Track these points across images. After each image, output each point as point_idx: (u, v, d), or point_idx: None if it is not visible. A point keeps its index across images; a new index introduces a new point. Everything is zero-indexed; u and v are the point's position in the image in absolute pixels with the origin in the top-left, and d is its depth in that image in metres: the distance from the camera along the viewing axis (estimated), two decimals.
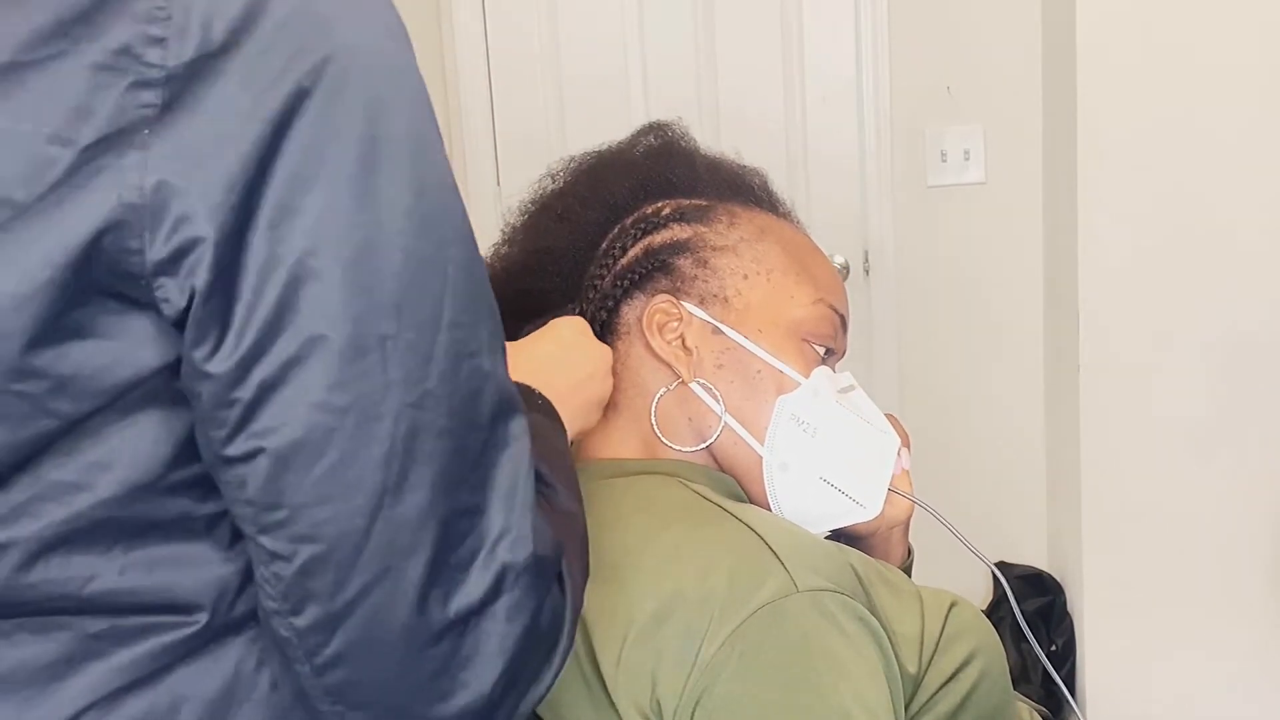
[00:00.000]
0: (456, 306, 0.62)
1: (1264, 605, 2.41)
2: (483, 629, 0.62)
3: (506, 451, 0.64)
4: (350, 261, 0.58)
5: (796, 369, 0.96)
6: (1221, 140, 2.25)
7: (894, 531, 1.00)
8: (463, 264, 0.64)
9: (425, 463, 0.60)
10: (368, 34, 0.62)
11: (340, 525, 0.59)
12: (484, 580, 0.61)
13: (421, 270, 0.61)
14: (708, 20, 2.63)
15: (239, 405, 0.58)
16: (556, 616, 0.66)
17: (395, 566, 0.60)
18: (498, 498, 0.62)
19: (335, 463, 0.58)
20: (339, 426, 0.58)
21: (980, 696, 0.89)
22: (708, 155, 1.08)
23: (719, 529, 0.86)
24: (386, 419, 0.59)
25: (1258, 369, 2.32)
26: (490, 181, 2.69)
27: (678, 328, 0.97)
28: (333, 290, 0.58)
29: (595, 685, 0.85)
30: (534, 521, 0.64)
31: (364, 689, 0.62)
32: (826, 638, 0.78)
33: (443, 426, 0.61)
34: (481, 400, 0.63)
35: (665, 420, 0.97)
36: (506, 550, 0.62)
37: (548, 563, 0.64)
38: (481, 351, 0.63)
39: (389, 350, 0.59)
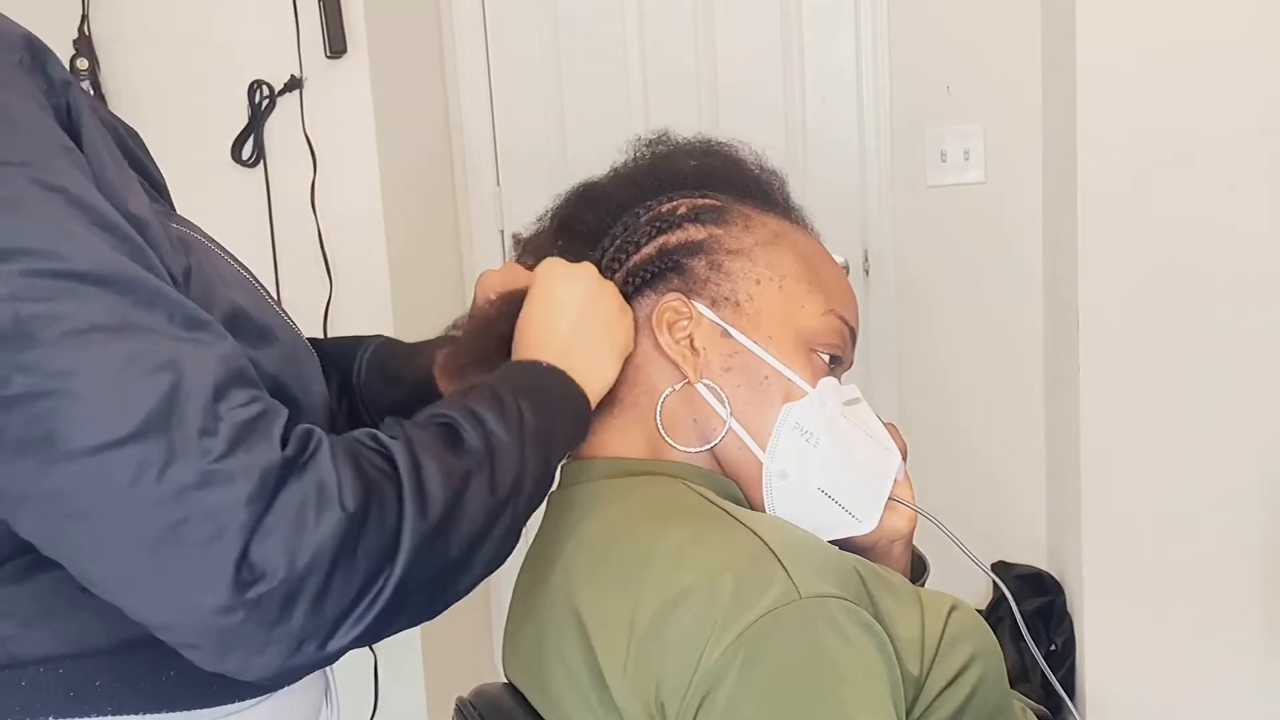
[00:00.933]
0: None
1: (1262, 605, 2.41)
2: (187, 544, 0.64)
3: (148, 394, 0.65)
4: None
5: (804, 377, 0.95)
6: (1221, 140, 2.25)
7: (895, 545, 1.00)
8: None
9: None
10: None
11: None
12: (163, 504, 0.64)
13: None
14: (708, 21, 2.64)
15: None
16: (339, 518, 0.66)
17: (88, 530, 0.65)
18: (149, 435, 0.64)
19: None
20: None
21: (980, 700, 0.89)
22: (728, 155, 1.08)
23: (724, 533, 0.85)
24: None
25: (1257, 369, 2.32)
26: (490, 181, 2.69)
27: (687, 327, 0.96)
28: None
29: (594, 685, 0.85)
30: (205, 441, 0.65)
31: (150, 617, 0.67)
32: (830, 644, 0.78)
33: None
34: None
35: (670, 420, 0.97)
36: (174, 473, 0.64)
37: (233, 472, 0.65)
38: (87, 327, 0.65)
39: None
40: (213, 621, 0.65)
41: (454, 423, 0.77)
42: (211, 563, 0.64)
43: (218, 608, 0.65)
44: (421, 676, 2.37)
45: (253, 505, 0.65)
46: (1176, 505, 2.38)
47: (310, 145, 2.23)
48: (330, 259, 2.26)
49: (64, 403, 0.63)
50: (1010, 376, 2.67)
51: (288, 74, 2.21)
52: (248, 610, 0.65)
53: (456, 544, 0.73)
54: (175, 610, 0.66)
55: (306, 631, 0.67)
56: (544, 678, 0.92)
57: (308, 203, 2.24)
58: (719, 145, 1.08)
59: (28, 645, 0.74)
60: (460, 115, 2.67)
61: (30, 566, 0.73)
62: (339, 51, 2.19)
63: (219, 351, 0.69)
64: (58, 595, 0.73)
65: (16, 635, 0.74)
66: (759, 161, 1.08)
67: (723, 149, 1.08)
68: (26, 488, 0.64)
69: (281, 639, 0.66)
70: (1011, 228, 2.62)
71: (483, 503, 0.75)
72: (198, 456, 0.64)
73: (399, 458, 0.71)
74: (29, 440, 0.63)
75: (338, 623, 0.68)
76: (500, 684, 1.03)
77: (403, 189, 2.37)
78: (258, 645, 0.66)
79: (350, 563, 0.67)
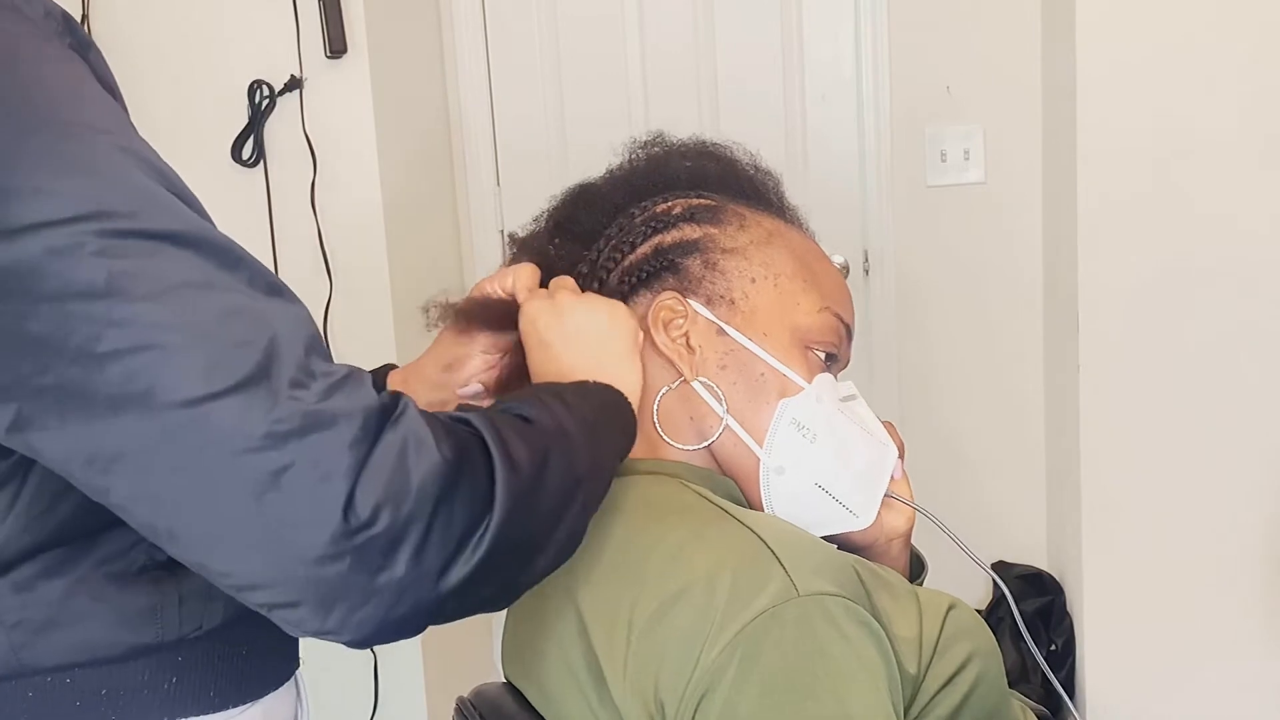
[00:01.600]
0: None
1: (1263, 604, 2.41)
2: (294, 488, 0.64)
3: (244, 347, 0.65)
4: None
5: (800, 374, 0.95)
6: (1222, 140, 2.25)
7: (893, 544, 1.00)
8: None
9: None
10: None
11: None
12: (267, 450, 0.63)
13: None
14: (708, 21, 2.64)
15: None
16: (437, 461, 0.67)
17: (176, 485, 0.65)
18: (248, 386, 0.64)
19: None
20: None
21: (978, 699, 0.89)
22: (722, 156, 1.08)
23: (722, 531, 0.86)
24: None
25: (1257, 368, 2.32)
26: (490, 181, 2.69)
27: (683, 325, 0.97)
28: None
29: (593, 683, 0.85)
30: (299, 391, 0.65)
31: (241, 574, 0.66)
32: (828, 643, 0.78)
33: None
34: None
35: (667, 418, 0.97)
36: (275, 421, 0.64)
37: (335, 415, 0.65)
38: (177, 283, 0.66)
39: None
40: (316, 572, 0.64)
41: (520, 409, 0.77)
42: (318, 507, 0.63)
43: (323, 555, 0.64)
44: (421, 676, 2.37)
45: (356, 449, 0.65)
46: (1176, 505, 2.38)
47: (310, 145, 2.23)
48: (330, 259, 2.26)
49: (162, 356, 0.63)
50: (1010, 376, 2.67)
51: (288, 74, 2.21)
52: (353, 557, 0.64)
53: (542, 510, 0.73)
54: (278, 562, 0.64)
55: (407, 582, 0.66)
56: (543, 676, 0.92)
57: (308, 203, 2.25)
58: (714, 146, 1.09)
59: (38, 653, 0.74)
60: (460, 115, 2.67)
61: (42, 573, 0.73)
62: (339, 51, 2.19)
63: (301, 314, 0.70)
64: (69, 603, 0.74)
65: (29, 643, 0.74)
66: (754, 161, 1.09)
67: (717, 150, 1.09)
68: (122, 445, 0.64)
69: (384, 588, 0.65)
70: (1011, 228, 2.62)
71: (561, 476, 0.75)
72: (299, 402, 0.64)
73: (480, 425, 0.72)
74: (126, 395, 0.63)
75: (438, 575, 0.67)
76: (500, 684, 1.03)
77: (403, 189, 2.37)
78: (361, 596, 0.65)
79: (449, 511, 0.67)
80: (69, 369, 0.63)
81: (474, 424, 0.72)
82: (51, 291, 0.62)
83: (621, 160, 1.09)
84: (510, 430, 0.73)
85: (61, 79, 0.68)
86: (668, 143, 1.09)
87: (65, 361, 0.63)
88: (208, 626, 0.79)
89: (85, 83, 0.70)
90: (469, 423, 0.72)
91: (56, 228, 0.62)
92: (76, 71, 0.70)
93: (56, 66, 0.69)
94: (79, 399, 0.63)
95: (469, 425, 0.71)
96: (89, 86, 0.70)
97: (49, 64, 0.68)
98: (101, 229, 0.63)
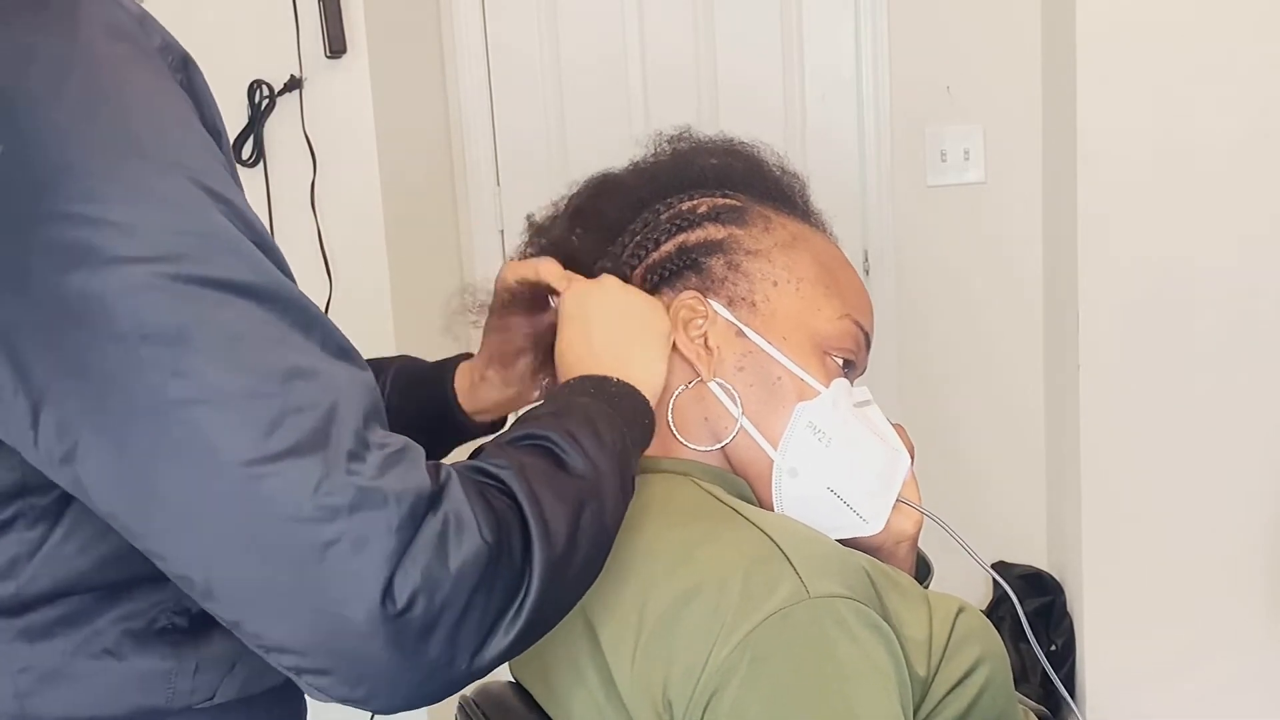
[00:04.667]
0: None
1: (1264, 604, 2.41)
2: (335, 565, 0.63)
3: (305, 412, 0.65)
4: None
5: (817, 379, 0.95)
6: (1222, 140, 2.25)
7: (900, 546, 0.99)
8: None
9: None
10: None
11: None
12: (314, 522, 0.63)
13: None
14: (708, 21, 2.63)
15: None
16: (479, 547, 0.66)
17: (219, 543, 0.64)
18: (304, 453, 0.64)
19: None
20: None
21: (986, 702, 0.88)
22: (749, 155, 1.08)
23: (733, 532, 0.85)
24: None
25: (1258, 368, 2.32)
26: (490, 181, 2.69)
27: (702, 325, 0.96)
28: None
29: (601, 681, 0.85)
30: (355, 464, 0.65)
31: (271, 636, 0.65)
32: (838, 645, 0.78)
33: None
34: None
35: (681, 417, 0.96)
36: (326, 494, 0.63)
37: (386, 494, 0.64)
38: (245, 334, 0.65)
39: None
40: (350, 646, 0.64)
41: (555, 446, 0.76)
42: (358, 587, 0.63)
43: (359, 633, 0.64)
44: None
45: (402, 532, 0.64)
46: (1176, 505, 2.38)
47: (310, 145, 2.23)
48: (330, 259, 2.26)
49: (222, 411, 0.62)
50: (1010, 376, 2.67)
51: (288, 74, 2.21)
52: (387, 637, 0.64)
53: (575, 575, 0.74)
54: (312, 632, 0.64)
55: (439, 662, 0.66)
56: (549, 672, 0.92)
57: (308, 203, 2.24)
58: (741, 145, 1.08)
59: (44, 703, 0.73)
60: (460, 115, 2.67)
61: (59, 621, 0.72)
62: (339, 51, 2.19)
63: (366, 379, 0.69)
64: (81, 655, 0.73)
65: (35, 691, 0.73)
66: (780, 163, 1.09)
67: (744, 149, 1.08)
68: (171, 494, 0.63)
69: (415, 667, 0.66)
70: (1011, 228, 2.62)
71: (594, 534, 0.75)
72: (352, 476, 0.64)
73: (518, 490, 0.71)
74: (182, 446, 0.62)
75: (472, 655, 0.68)
76: (504, 682, 1.03)
77: (403, 189, 2.37)
78: (391, 673, 0.65)
79: (487, 595, 0.67)
80: (130, 411, 0.62)
81: (511, 489, 0.71)
82: (122, 330, 0.62)
83: (646, 153, 1.08)
84: (545, 489, 0.72)
85: (164, 114, 0.68)
86: (694, 138, 1.08)
87: (127, 403, 0.62)
88: (220, 699, 0.77)
89: (187, 122, 0.69)
90: (506, 488, 0.71)
91: (135, 265, 0.62)
92: (181, 109, 0.69)
93: (162, 100, 0.68)
94: (136, 443, 0.63)
95: (506, 492, 0.71)
96: (190, 126, 0.69)
97: (155, 97, 0.68)
98: (178, 273, 0.63)
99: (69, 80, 0.64)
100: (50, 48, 0.65)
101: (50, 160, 0.63)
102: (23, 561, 0.71)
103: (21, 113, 0.63)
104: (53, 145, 0.63)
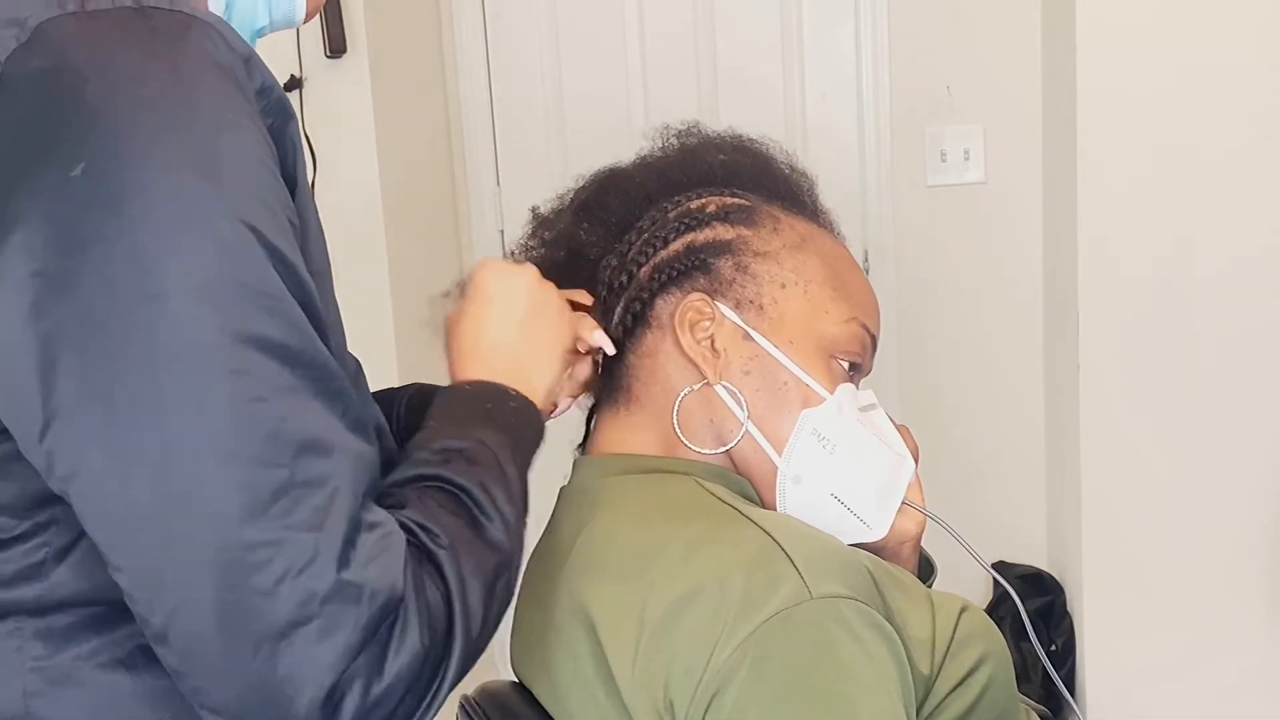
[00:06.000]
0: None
1: (1264, 605, 2.41)
2: (295, 648, 0.64)
3: (309, 489, 0.66)
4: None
5: (823, 384, 0.95)
6: (1222, 140, 2.25)
7: (904, 546, 0.99)
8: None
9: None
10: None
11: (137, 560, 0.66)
12: (290, 603, 0.64)
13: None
14: (708, 21, 2.64)
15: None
16: (416, 651, 0.68)
17: (189, 596, 0.65)
18: (298, 530, 0.65)
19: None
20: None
21: (989, 701, 0.88)
22: (758, 153, 1.07)
23: (735, 532, 0.85)
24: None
25: (1258, 368, 2.32)
26: (490, 181, 2.69)
27: (709, 328, 0.96)
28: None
29: (601, 680, 0.85)
30: (346, 551, 0.66)
31: (209, 695, 0.67)
32: (840, 646, 0.78)
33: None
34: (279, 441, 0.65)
35: (687, 420, 0.96)
36: (310, 577, 0.64)
37: (364, 589, 0.66)
38: (268, 397, 0.65)
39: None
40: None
41: (475, 506, 0.76)
42: (311, 672, 0.64)
43: (295, 717, 0.65)
44: None
45: (366, 631, 0.66)
46: (1177, 505, 2.38)
47: (310, 145, 2.23)
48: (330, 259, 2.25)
49: (227, 471, 0.64)
50: (1010, 376, 2.67)
51: (288, 74, 2.20)
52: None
53: (484, 641, 0.75)
54: (248, 704, 0.65)
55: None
56: (550, 671, 0.92)
57: None
58: (749, 142, 1.07)
59: (48, 705, 0.73)
60: (460, 115, 2.67)
61: (77, 625, 0.73)
62: (339, 51, 2.19)
63: (370, 459, 0.70)
64: (93, 663, 0.73)
65: (41, 692, 0.73)
66: (789, 161, 1.08)
67: (753, 146, 1.07)
68: (158, 538, 0.64)
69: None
70: (1011, 228, 2.62)
71: (504, 598, 0.77)
72: (337, 566, 0.65)
73: (450, 578, 0.72)
74: (177, 495, 0.64)
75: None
76: (505, 681, 1.03)
77: (403, 189, 2.37)
78: None
79: (414, 689, 0.69)
80: (141, 447, 0.64)
81: (445, 576, 0.71)
82: (152, 368, 0.63)
83: (653, 148, 1.07)
84: (472, 572, 0.73)
85: (243, 157, 0.68)
86: (702, 133, 1.07)
87: (139, 439, 0.63)
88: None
89: (263, 168, 0.69)
90: (442, 574, 0.71)
91: (178, 301, 0.63)
92: (262, 154, 0.69)
93: (244, 141, 0.68)
94: (137, 479, 0.64)
95: (441, 577, 0.71)
96: (265, 172, 0.69)
97: (239, 138, 0.68)
98: (220, 324, 0.64)
99: (158, 109, 0.65)
100: (149, 74, 0.65)
101: (126, 183, 0.63)
102: (50, 565, 0.72)
103: (106, 132, 0.64)
104: (129, 169, 0.64)
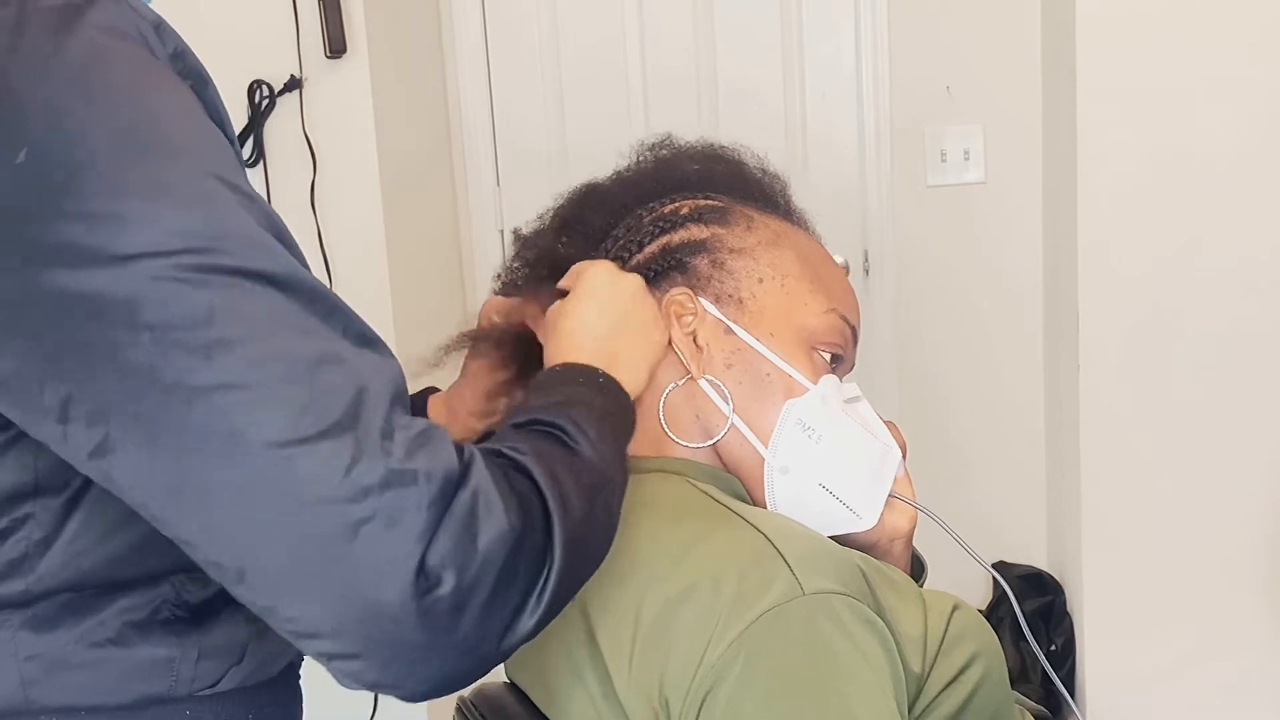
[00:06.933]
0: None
1: (1264, 604, 2.41)
2: (368, 544, 0.64)
3: (333, 395, 0.66)
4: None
5: (805, 375, 0.96)
6: (1222, 139, 2.25)
7: (895, 543, 1.00)
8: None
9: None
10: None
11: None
12: (347, 502, 0.64)
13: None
14: (708, 21, 2.64)
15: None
16: (504, 529, 0.67)
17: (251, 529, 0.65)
18: (334, 435, 0.64)
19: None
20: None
21: (982, 699, 0.89)
22: (730, 159, 1.09)
23: (727, 530, 0.86)
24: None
25: (1258, 368, 2.32)
26: (490, 181, 2.69)
27: (691, 322, 0.97)
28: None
29: (598, 680, 0.85)
30: (386, 444, 0.65)
31: (306, 621, 0.66)
32: (832, 642, 0.79)
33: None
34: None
35: (672, 415, 0.97)
36: (360, 473, 0.64)
37: (418, 473, 0.65)
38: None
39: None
40: (381, 628, 0.64)
41: (564, 435, 0.77)
42: (391, 565, 0.64)
43: (391, 613, 0.64)
44: None
45: (433, 509, 0.65)
46: (1177, 505, 2.38)
47: (310, 145, 2.23)
48: (330, 259, 2.26)
49: (253, 396, 0.63)
50: (1010, 376, 2.67)
51: (288, 74, 2.21)
52: (419, 617, 0.64)
53: (592, 549, 0.75)
54: (344, 614, 0.64)
55: (472, 642, 0.66)
56: (546, 671, 0.92)
57: (308, 203, 2.24)
58: (722, 149, 1.09)
59: (47, 691, 0.74)
60: (460, 115, 2.67)
61: (64, 610, 0.73)
62: (339, 51, 2.19)
63: (391, 366, 0.70)
64: (85, 644, 0.74)
65: (39, 680, 0.73)
66: (761, 165, 1.10)
67: (725, 153, 1.09)
68: (204, 480, 0.64)
69: (445, 647, 0.66)
70: (1011, 228, 2.62)
71: (607, 514, 0.76)
72: (383, 455, 0.64)
73: (537, 473, 0.71)
74: (214, 432, 0.63)
75: (501, 634, 0.68)
76: (501, 683, 1.03)
77: (403, 189, 2.37)
78: (422, 655, 0.66)
79: (513, 575, 0.68)
80: (161, 400, 0.63)
81: (531, 472, 0.71)
82: (151, 321, 0.63)
83: (629, 162, 1.09)
84: (564, 471, 0.73)
85: (177, 110, 0.69)
86: (676, 145, 1.09)
87: (158, 392, 0.63)
88: (223, 688, 0.78)
89: (198, 117, 0.70)
90: (526, 470, 0.71)
91: (160, 258, 0.63)
92: (190, 105, 0.70)
93: (174, 97, 0.69)
94: (168, 431, 0.63)
95: (526, 475, 0.71)
96: (201, 121, 0.70)
97: (168, 94, 0.69)
98: (202, 264, 0.64)
99: (83, 83, 0.65)
100: (62, 53, 0.65)
101: (70, 160, 0.63)
102: (34, 558, 0.72)
103: (37, 117, 0.64)
104: (72, 145, 0.64)
